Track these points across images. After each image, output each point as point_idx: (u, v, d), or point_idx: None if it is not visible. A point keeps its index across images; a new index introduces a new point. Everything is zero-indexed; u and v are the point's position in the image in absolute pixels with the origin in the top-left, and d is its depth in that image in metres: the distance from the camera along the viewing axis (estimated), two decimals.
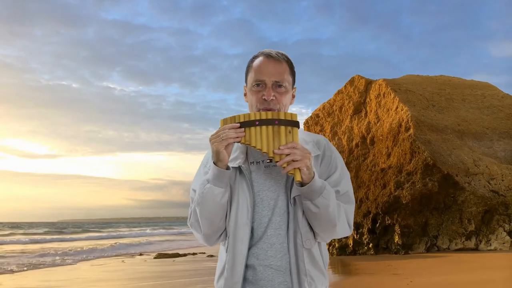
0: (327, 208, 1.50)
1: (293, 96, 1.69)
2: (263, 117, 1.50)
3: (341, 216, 1.56)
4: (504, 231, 11.91)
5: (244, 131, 1.50)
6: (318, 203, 1.49)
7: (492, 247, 11.89)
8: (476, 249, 12.08)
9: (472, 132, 13.99)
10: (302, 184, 1.49)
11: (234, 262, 1.52)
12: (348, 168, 14.96)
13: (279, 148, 1.46)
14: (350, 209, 1.61)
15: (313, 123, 16.48)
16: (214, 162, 1.53)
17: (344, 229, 1.59)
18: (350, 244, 14.06)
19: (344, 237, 14.42)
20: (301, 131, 1.67)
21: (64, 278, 10.25)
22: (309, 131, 16.54)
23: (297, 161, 1.45)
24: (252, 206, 1.56)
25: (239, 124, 1.50)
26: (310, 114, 16.68)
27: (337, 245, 14.41)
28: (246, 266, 1.54)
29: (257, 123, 1.50)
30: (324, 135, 16.06)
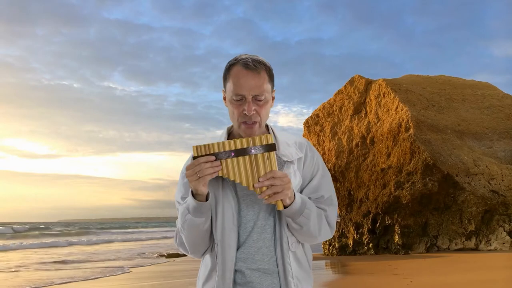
0: (308, 226, 1.54)
1: (273, 98, 1.68)
2: (238, 146, 1.47)
3: (322, 228, 1.60)
4: (504, 231, 11.91)
5: (221, 163, 1.48)
6: (299, 222, 1.53)
7: (492, 247, 11.89)
8: (476, 249, 12.08)
9: (472, 132, 13.99)
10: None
11: (224, 268, 1.54)
12: (348, 168, 14.99)
13: (258, 181, 1.46)
14: (333, 211, 1.65)
15: (313, 123, 16.48)
16: (192, 195, 1.52)
17: (326, 235, 1.63)
18: (350, 244, 14.07)
19: (344, 237, 14.42)
20: (283, 133, 1.69)
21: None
22: (309, 131, 16.54)
23: (278, 193, 1.45)
24: (238, 212, 1.57)
25: (214, 157, 1.47)
26: (310, 114, 16.69)
27: (337, 245, 14.42)
28: (235, 271, 1.56)
29: (232, 154, 1.47)
30: (324, 135, 16.07)
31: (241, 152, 1.47)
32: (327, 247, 14.83)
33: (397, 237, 12.84)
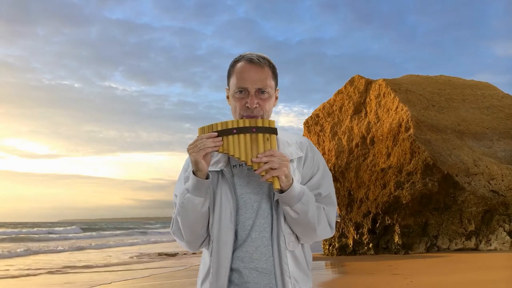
0: (306, 213, 1.52)
1: (276, 98, 1.69)
2: (241, 125, 1.50)
3: (321, 220, 1.58)
4: (504, 231, 11.91)
5: (222, 139, 1.50)
6: (297, 209, 1.50)
7: (492, 247, 11.89)
8: (476, 249, 12.09)
9: (472, 132, 13.99)
10: (281, 191, 1.50)
11: (218, 265, 1.53)
12: (348, 168, 15.00)
13: (257, 156, 1.47)
14: (332, 211, 1.63)
15: (313, 123, 16.48)
16: (193, 172, 1.53)
17: (325, 232, 1.61)
18: (350, 244, 14.07)
19: (344, 237, 14.42)
20: (284, 133, 1.69)
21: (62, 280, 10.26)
22: (309, 131, 16.55)
23: (275, 169, 1.45)
24: (235, 209, 1.56)
25: (216, 133, 1.50)
26: (310, 114, 16.70)
27: (337, 245, 14.42)
28: (231, 269, 1.55)
29: (234, 131, 1.49)
30: (324, 135, 16.07)
31: (242, 130, 1.50)
32: (327, 247, 14.84)
33: (397, 237, 12.84)
